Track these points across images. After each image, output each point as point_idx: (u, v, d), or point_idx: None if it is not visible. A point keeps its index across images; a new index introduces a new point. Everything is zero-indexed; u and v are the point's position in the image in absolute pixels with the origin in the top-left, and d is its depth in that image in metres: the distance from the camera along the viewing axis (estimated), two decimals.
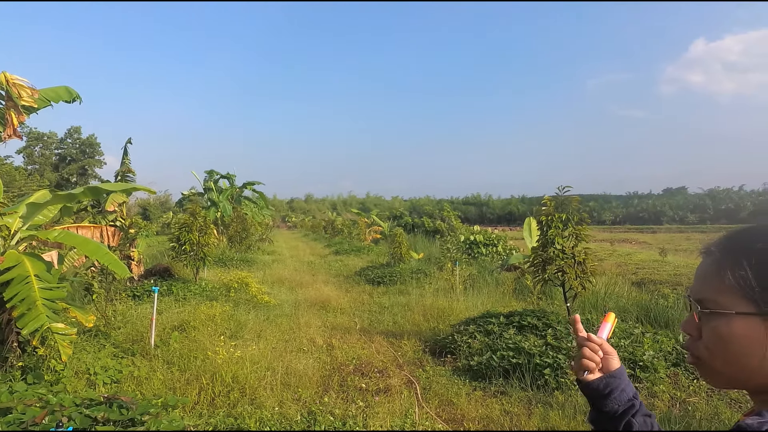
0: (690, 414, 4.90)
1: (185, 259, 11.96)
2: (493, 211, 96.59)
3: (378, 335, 8.11)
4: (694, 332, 0.97)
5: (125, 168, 11.67)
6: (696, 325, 0.97)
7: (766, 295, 0.88)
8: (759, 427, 0.82)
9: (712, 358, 0.93)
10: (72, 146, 55.64)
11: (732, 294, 0.90)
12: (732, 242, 0.95)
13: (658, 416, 4.77)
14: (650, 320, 8.33)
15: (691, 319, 0.98)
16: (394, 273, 14.16)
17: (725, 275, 0.92)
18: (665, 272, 15.89)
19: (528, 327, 6.89)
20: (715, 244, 0.99)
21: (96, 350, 6.15)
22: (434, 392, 5.61)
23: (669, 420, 4.72)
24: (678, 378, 5.81)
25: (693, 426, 4.63)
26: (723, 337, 0.91)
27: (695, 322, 0.97)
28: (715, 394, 5.45)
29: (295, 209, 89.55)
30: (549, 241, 7.31)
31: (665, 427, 4.61)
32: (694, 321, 0.97)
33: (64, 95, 7.36)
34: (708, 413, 4.90)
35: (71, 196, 6.37)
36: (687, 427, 4.59)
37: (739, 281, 0.90)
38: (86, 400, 3.49)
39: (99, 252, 5.72)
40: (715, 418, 4.77)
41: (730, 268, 0.91)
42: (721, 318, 0.91)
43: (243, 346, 6.70)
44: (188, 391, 5.25)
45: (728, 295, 0.91)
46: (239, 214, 23.99)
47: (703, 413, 4.90)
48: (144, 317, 7.86)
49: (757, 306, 0.88)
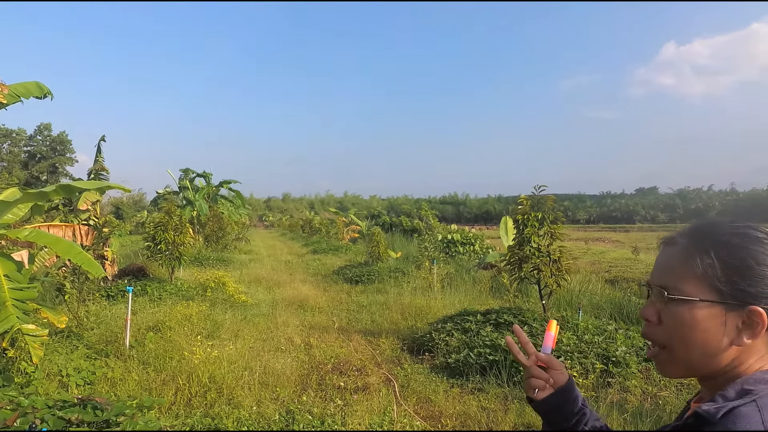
0: (660, 407, 5.03)
1: (160, 259, 11.78)
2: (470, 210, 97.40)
3: (356, 334, 8.12)
4: (653, 318, 0.99)
5: (98, 166, 11.42)
6: (656, 311, 0.99)
7: (729, 285, 0.92)
8: (716, 412, 0.85)
9: (673, 344, 0.96)
10: (42, 143, 54.28)
11: (697, 282, 0.94)
12: (700, 233, 0.99)
13: (630, 410, 4.90)
14: (623, 317, 8.51)
15: (652, 306, 1.00)
16: (372, 272, 14.17)
17: (692, 264, 0.95)
18: (637, 270, 16.26)
19: (504, 324, 6.97)
20: (680, 235, 1.02)
21: (68, 351, 6.03)
22: (412, 390, 5.65)
23: (641, 414, 4.84)
24: (650, 373, 5.95)
25: (663, 419, 4.76)
26: (685, 322, 0.94)
27: (656, 308, 0.99)
28: (684, 388, 5.61)
29: (273, 208, 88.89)
30: (525, 240, 7.41)
31: (638, 420, 4.73)
32: (653, 307, 1.00)
33: (35, 91, 7.17)
34: (678, 406, 5.03)
35: (42, 194, 6.23)
36: (658, 420, 4.72)
37: (706, 270, 0.93)
38: (59, 401, 3.42)
39: (72, 251, 5.61)
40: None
41: (698, 257, 0.95)
42: (685, 304, 0.94)
43: (220, 346, 6.63)
44: (164, 391, 5.18)
45: (693, 282, 0.94)
46: (215, 213, 23.74)
47: (673, 407, 5.03)
48: (118, 318, 7.73)
49: (720, 295, 0.92)
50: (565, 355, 5.94)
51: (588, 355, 5.98)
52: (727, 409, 0.84)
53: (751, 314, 0.90)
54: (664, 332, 0.98)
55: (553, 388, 1.19)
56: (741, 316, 0.91)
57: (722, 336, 0.92)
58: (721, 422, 0.83)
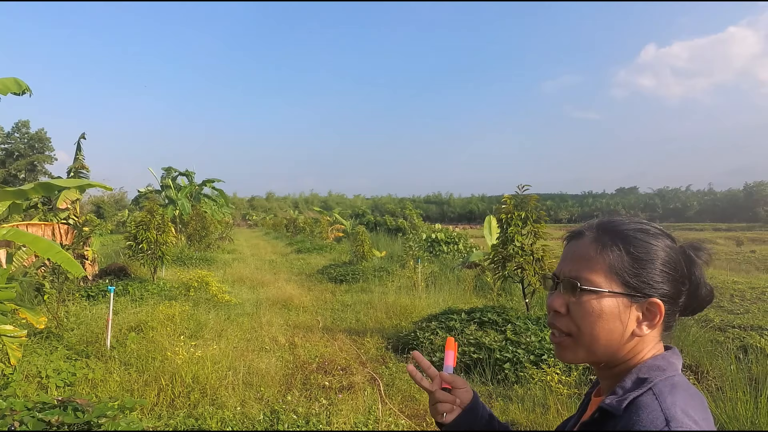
0: None
1: (142, 258, 11.65)
2: (454, 210, 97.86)
3: (341, 333, 8.11)
4: (562, 309, 1.00)
5: (78, 164, 11.23)
6: (564, 301, 1.00)
7: (635, 278, 0.96)
8: (619, 405, 0.89)
9: (580, 333, 0.98)
10: (20, 141, 53.23)
11: (606, 274, 0.97)
12: (607, 227, 1.02)
13: None
14: None
15: (559, 296, 1.02)
16: (356, 271, 14.17)
17: (602, 256, 0.98)
18: None
19: (488, 323, 7.02)
20: (586, 227, 1.05)
21: (48, 353, 5.93)
22: (397, 388, 5.66)
23: None
24: None
25: None
26: (594, 313, 0.96)
27: (563, 298, 1.01)
28: None
29: (256, 207, 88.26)
30: (509, 239, 7.47)
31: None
32: (561, 298, 1.01)
33: (13, 87, 7.03)
34: None
35: (21, 193, 6.12)
36: None
37: (615, 262, 0.97)
38: (39, 403, 3.36)
39: (51, 250, 5.52)
40: None
41: (609, 250, 0.98)
42: (594, 295, 0.96)
43: (203, 346, 6.58)
44: (147, 392, 5.12)
45: (603, 274, 0.97)
46: (198, 212, 23.49)
47: None
48: (99, 318, 7.62)
49: (626, 287, 0.96)
50: (549, 353, 6.00)
51: None
52: (628, 401, 0.88)
53: (651, 306, 0.96)
54: (571, 322, 0.99)
55: (460, 408, 1.18)
56: (642, 307, 0.96)
57: (626, 326, 0.96)
58: (625, 415, 0.87)
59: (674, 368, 0.94)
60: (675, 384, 0.90)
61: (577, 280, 0.98)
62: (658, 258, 0.97)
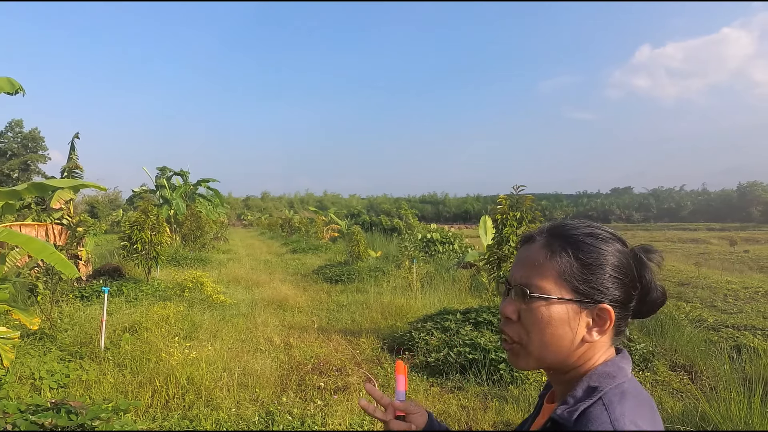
0: None
1: (137, 259, 11.59)
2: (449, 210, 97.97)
3: (336, 333, 8.10)
4: (513, 315, 0.99)
5: (72, 164, 11.19)
6: (516, 308, 0.99)
7: (584, 284, 0.95)
8: (570, 416, 0.89)
9: (530, 340, 0.97)
10: (13, 140, 52.85)
11: (555, 280, 0.96)
12: (557, 232, 1.01)
13: None
14: None
15: (511, 303, 1.01)
16: (352, 271, 14.16)
17: (552, 262, 0.97)
18: None
19: (484, 323, 7.03)
20: (538, 233, 1.04)
21: (41, 354, 5.89)
22: (393, 389, 5.64)
23: None
24: None
25: None
26: (543, 319, 0.95)
27: (515, 305, 1.00)
28: (659, 386, 5.73)
29: (251, 207, 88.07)
30: (504, 239, 7.49)
31: None
32: (513, 304, 1.00)
33: (6, 86, 6.99)
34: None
35: (14, 193, 6.07)
36: None
37: (564, 268, 0.96)
38: (32, 405, 3.33)
39: (45, 251, 5.48)
40: (659, 408, 5.00)
41: (558, 256, 0.97)
42: (543, 302, 0.95)
43: (198, 347, 6.56)
44: (141, 394, 5.10)
45: (552, 280, 0.96)
46: (193, 212, 23.42)
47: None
48: (93, 319, 7.58)
49: (576, 293, 0.95)
50: None
51: None
52: (578, 412, 0.88)
53: (601, 311, 0.95)
54: (521, 328, 0.98)
55: None
56: (592, 313, 0.95)
57: (575, 333, 0.95)
58: (576, 426, 0.87)
59: (624, 374, 0.94)
60: (624, 392, 0.89)
61: (527, 287, 0.97)
62: (608, 263, 0.96)
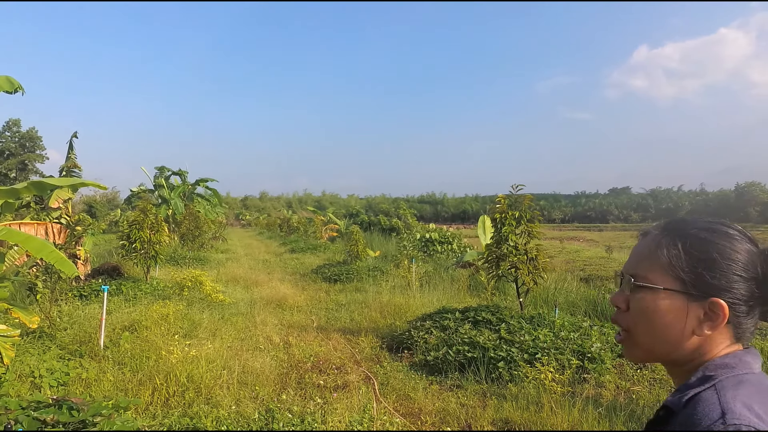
0: (634, 402, 5.15)
1: (136, 258, 11.58)
2: (448, 210, 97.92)
3: (335, 332, 8.11)
4: (623, 305, 1.03)
5: (71, 163, 11.19)
6: (625, 298, 1.03)
7: (692, 276, 0.96)
8: (679, 401, 0.91)
9: (637, 330, 1.00)
10: (11, 140, 52.70)
11: (663, 271, 0.98)
12: (670, 225, 1.04)
13: (605, 405, 5.00)
14: (597, 314, 8.70)
15: (621, 293, 1.04)
16: (350, 271, 14.17)
17: (660, 253, 0.99)
18: (611, 268, 16.57)
19: (482, 322, 7.05)
20: (654, 227, 1.07)
21: (41, 352, 5.90)
22: (392, 387, 5.67)
23: (615, 408, 4.94)
24: (623, 368, 6.09)
25: (636, 413, 4.88)
26: (649, 309, 0.98)
27: (625, 295, 1.03)
28: (657, 383, 5.75)
29: (249, 207, 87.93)
30: (503, 238, 7.50)
31: (612, 414, 4.83)
32: (623, 295, 1.04)
33: (5, 85, 6.98)
34: (651, 401, 5.17)
35: (13, 192, 6.07)
36: (631, 414, 4.83)
37: (672, 260, 0.98)
38: (33, 402, 3.35)
39: (44, 250, 5.48)
40: (657, 405, 5.03)
41: (666, 247, 0.99)
42: (649, 292, 0.98)
43: (198, 346, 6.56)
44: (141, 392, 5.11)
45: (659, 271, 0.98)
46: (192, 211, 23.41)
47: (646, 401, 5.17)
48: (92, 318, 7.58)
49: (683, 285, 0.96)
50: (542, 352, 6.03)
51: (564, 352, 6.08)
52: (689, 397, 0.90)
53: (712, 306, 0.94)
54: (629, 318, 1.01)
55: None
56: (703, 307, 0.95)
57: (683, 325, 0.95)
58: (684, 410, 0.88)
59: (747, 366, 0.92)
60: (742, 380, 0.89)
61: (633, 276, 1.01)
62: (725, 259, 0.95)
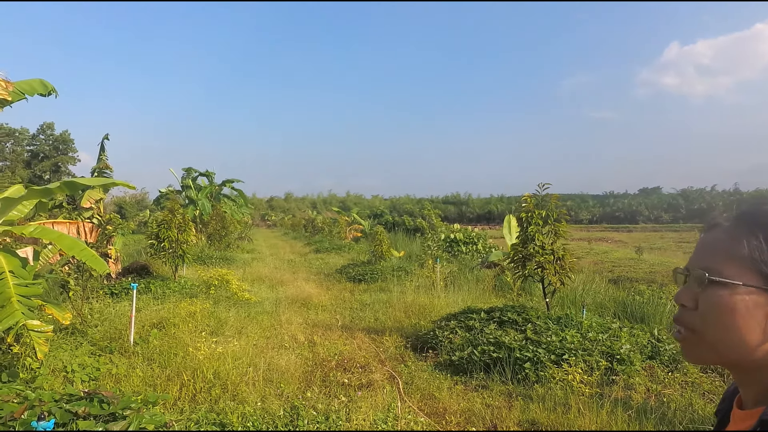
0: (665, 405, 5.02)
1: (164, 257, 11.82)
2: (473, 210, 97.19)
3: (359, 332, 8.12)
4: (690, 303, 0.92)
5: (102, 164, 11.46)
6: (693, 295, 0.92)
7: None
8: None
9: (707, 330, 0.89)
10: (45, 142, 54.33)
11: (741, 265, 0.87)
12: (747, 215, 0.92)
13: (634, 407, 4.88)
14: (627, 315, 8.52)
15: (688, 290, 0.93)
16: (375, 271, 14.19)
17: (738, 246, 0.88)
18: (641, 270, 16.23)
19: (508, 322, 6.97)
20: (724, 217, 0.95)
21: (73, 348, 6.05)
22: (416, 387, 5.65)
23: (645, 411, 4.82)
24: (654, 370, 5.94)
25: (668, 416, 4.75)
26: (725, 307, 0.86)
27: (692, 292, 0.92)
28: (689, 387, 5.59)
29: (275, 207, 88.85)
30: (529, 238, 7.41)
31: (642, 417, 4.72)
32: (690, 292, 0.92)
33: (39, 88, 7.20)
34: (682, 404, 5.02)
35: (47, 191, 6.24)
36: (662, 417, 4.71)
37: (752, 253, 0.86)
38: (66, 395, 3.43)
39: (76, 248, 5.63)
40: (689, 409, 4.90)
41: (744, 239, 0.88)
42: (726, 289, 0.87)
43: (224, 343, 6.65)
44: (169, 387, 5.20)
45: (737, 266, 0.87)
46: (218, 212, 23.76)
47: (678, 404, 5.02)
48: (122, 315, 7.75)
49: (765, 280, 0.85)
50: (569, 353, 5.93)
51: (592, 353, 5.97)
52: None
53: None
54: (698, 317, 0.91)
55: None
56: None
57: (764, 326, 0.84)
58: None
59: None
60: None
61: (706, 271, 0.89)
62: None
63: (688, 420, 4.71)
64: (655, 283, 12.48)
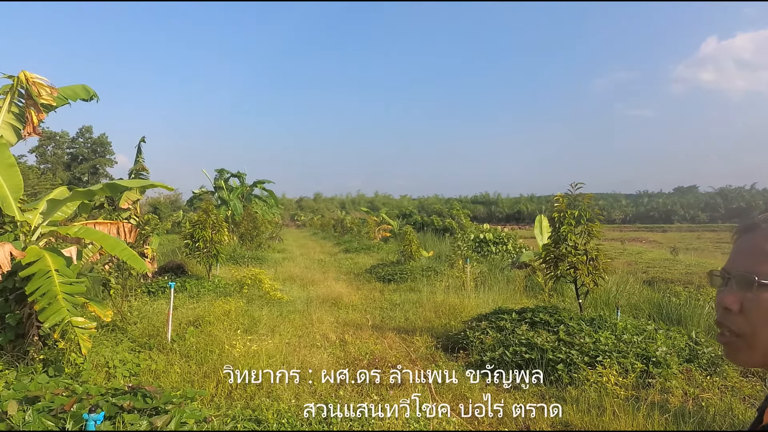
0: (704, 409, 4.91)
1: (198, 256, 12.10)
2: (502, 210, 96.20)
3: (390, 331, 8.16)
4: (734, 306, 0.92)
5: (139, 166, 11.80)
6: (738, 298, 0.92)
7: None
8: None
9: (755, 334, 0.89)
10: (84, 145, 56.11)
11: None
12: None
13: (672, 411, 4.79)
14: (662, 317, 8.34)
15: (733, 293, 0.93)
16: (404, 270, 14.22)
17: None
18: (677, 271, 15.83)
19: (540, 323, 6.91)
20: (762, 220, 0.95)
21: (114, 344, 6.26)
22: (448, 387, 5.65)
23: (683, 415, 4.73)
24: (691, 374, 5.81)
25: (707, 421, 4.65)
26: None
27: (736, 295, 0.92)
28: (728, 391, 5.45)
29: (304, 208, 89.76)
30: (561, 238, 7.33)
31: (680, 421, 4.63)
32: (734, 295, 0.92)
33: (82, 93, 7.48)
34: (722, 409, 4.91)
35: (90, 193, 6.48)
36: (701, 422, 4.61)
37: None
38: (111, 389, 3.58)
39: (118, 247, 5.82)
40: (729, 414, 4.79)
41: None
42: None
43: (258, 341, 6.78)
44: (206, 383, 5.34)
45: None
46: (250, 212, 24.15)
47: (717, 409, 4.91)
48: (159, 313, 7.97)
49: None
50: (603, 355, 5.85)
51: (627, 355, 5.88)
52: None
53: None
54: (744, 321, 0.90)
55: None
56: None
57: None
58: None
59: None
60: None
61: (755, 275, 0.88)
62: None
63: (728, 425, 4.60)
64: (692, 285, 12.17)
